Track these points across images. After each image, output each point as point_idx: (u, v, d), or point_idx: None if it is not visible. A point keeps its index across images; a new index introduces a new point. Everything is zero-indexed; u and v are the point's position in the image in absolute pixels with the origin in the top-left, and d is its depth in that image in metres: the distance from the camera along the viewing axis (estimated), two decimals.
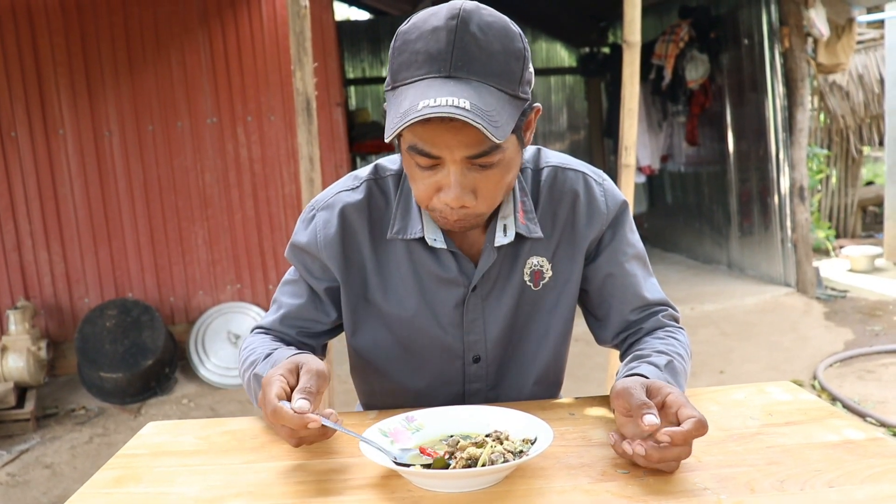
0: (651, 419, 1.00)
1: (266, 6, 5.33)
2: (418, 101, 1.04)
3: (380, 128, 7.43)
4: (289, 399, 1.05)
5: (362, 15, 9.65)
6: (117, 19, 5.16)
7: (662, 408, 1.05)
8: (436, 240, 1.26)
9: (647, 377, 1.14)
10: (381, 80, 8.78)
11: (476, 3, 1.11)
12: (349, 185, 1.34)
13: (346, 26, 8.69)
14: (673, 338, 1.33)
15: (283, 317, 1.37)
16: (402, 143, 1.15)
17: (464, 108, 1.02)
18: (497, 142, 1.05)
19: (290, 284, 1.39)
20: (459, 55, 1.06)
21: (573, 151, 9.09)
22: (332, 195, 1.34)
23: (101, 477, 1.10)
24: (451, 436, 1.11)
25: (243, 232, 5.49)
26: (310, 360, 1.11)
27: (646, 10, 3.76)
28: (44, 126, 5.15)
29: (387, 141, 1.08)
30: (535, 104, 1.18)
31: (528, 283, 1.32)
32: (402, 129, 1.04)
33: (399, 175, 1.33)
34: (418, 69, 1.08)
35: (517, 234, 1.28)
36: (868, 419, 3.87)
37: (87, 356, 4.78)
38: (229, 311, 5.35)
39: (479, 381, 1.36)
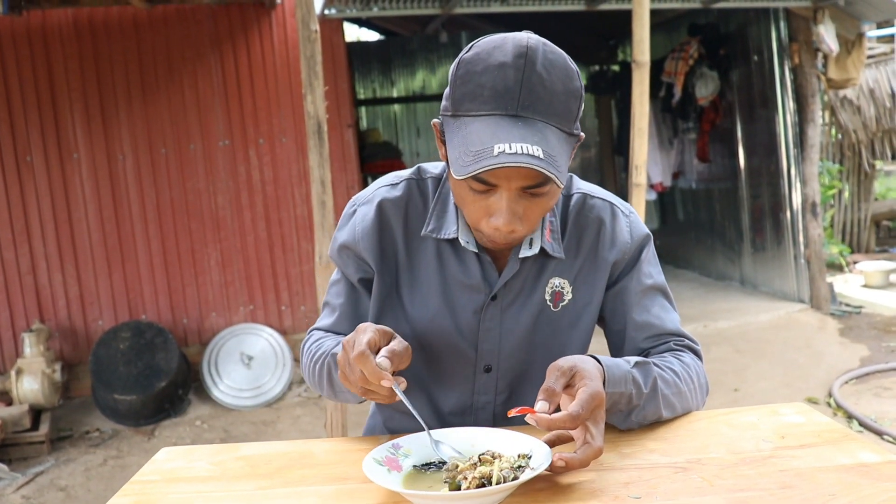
0: (540, 405, 1.05)
1: (277, 30, 5.38)
2: (491, 143, 1.07)
3: (390, 147, 7.44)
4: (375, 354, 1.11)
5: (372, 36, 9.72)
6: (131, 44, 5.22)
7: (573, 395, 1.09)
8: (468, 242, 1.30)
9: (599, 362, 1.15)
10: (392, 100, 8.82)
11: (538, 37, 1.14)
12: (389, 182, 1.39)
13: (356, 47, 8.75)
14: (675, 357, 1.33)
15: (339, 317, 1.41)
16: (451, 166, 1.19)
17: (538, 157, 1.06)
18: (560, 185, 1.10)
19: (336, 284, 1.44)
20: (527, 95, 1.10)
21: (584, 169, 9.09)
22: (372, 191, 1.39)
23: None
24: (442, 462, 1.11)
25: (256, 253, 5.52)
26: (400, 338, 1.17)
27: (655, 28, 3.78)
28: (58, 150, 5.21)
29: (458, 178, 1.10)
30: (581, 134, 1.21)
31: (548, 302, 1.34)
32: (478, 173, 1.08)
33: (439, 179, 1.37)
34: (484, 103, 1.11)
35: (542, 252, 1.31)
36: (885, 437, 3.83)
37: (101, 378, 4.81)
38: (242, 333, 5.37)
39: (488, 392, 1.37)
